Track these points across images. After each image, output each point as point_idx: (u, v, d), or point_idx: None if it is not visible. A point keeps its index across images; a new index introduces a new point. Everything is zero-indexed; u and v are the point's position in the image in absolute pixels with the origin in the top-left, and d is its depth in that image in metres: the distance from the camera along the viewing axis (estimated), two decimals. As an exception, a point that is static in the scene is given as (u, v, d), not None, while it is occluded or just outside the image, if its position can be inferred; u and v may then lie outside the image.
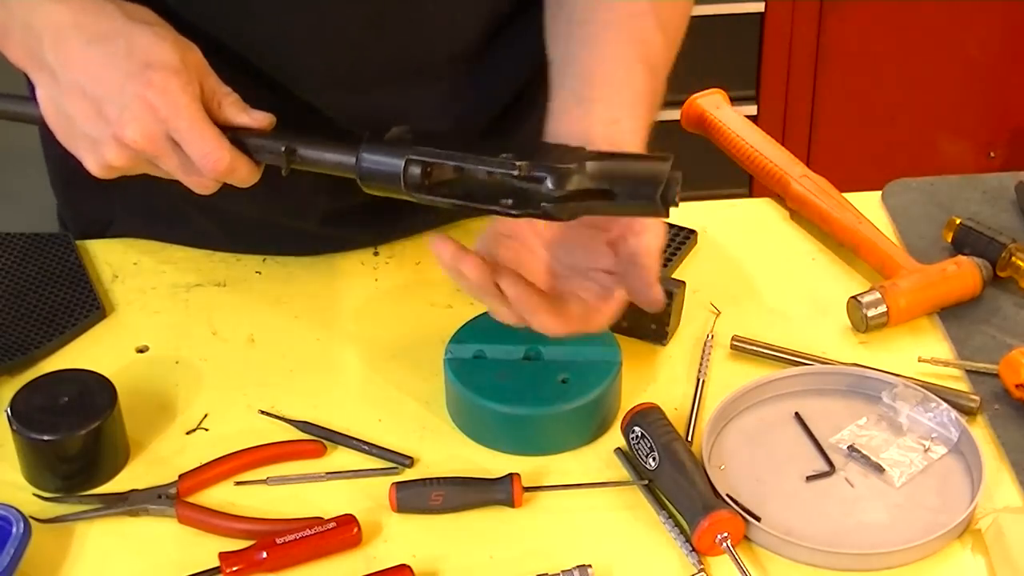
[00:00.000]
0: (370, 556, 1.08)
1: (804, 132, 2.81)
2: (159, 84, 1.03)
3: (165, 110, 1.03)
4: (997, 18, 2.72)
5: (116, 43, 1.05)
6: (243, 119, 1.07)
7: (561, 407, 1.15)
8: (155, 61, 1.04)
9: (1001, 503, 1.11)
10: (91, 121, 1.05)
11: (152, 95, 1.03)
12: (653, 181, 0.98)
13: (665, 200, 0.98)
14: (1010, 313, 1.29)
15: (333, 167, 1.06)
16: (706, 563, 1.07)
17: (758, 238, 1.39)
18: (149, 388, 1.22)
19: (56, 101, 1.07)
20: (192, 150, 1.04)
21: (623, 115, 1.10)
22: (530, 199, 1.00)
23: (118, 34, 1.06)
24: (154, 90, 1.03)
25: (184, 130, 1.04)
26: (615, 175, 1.00)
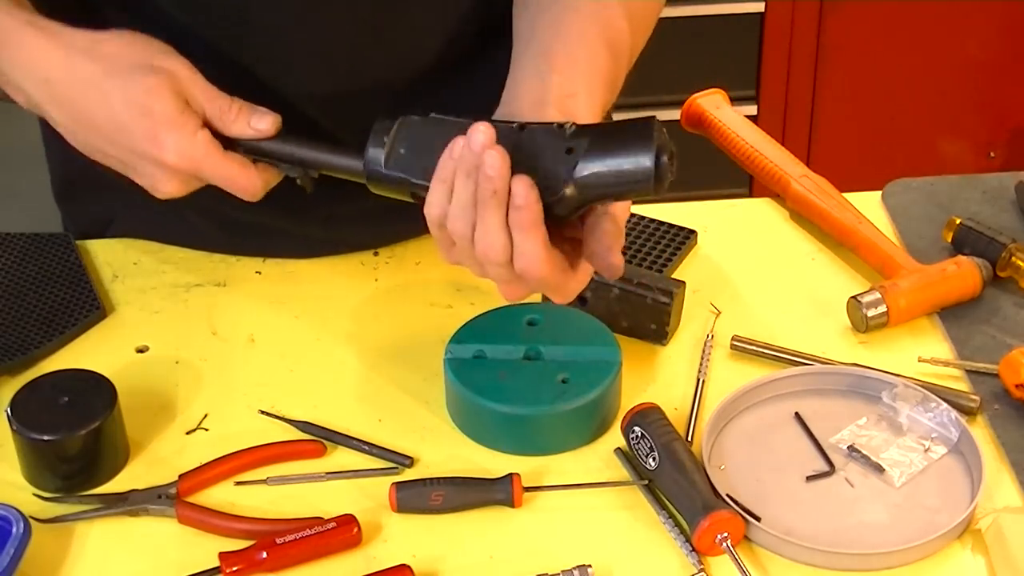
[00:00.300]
0: (370, 556, 1.08)
1: (804, 132, 2.81)
2: (172, 147, 1.09)
3: (188, 168, 1.09)
4: (997, 18, 2.72)
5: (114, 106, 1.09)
6: (251, 132, 1.11)
7: (561, 407, 1.15)
8: (158, 118, 1.08)
9: (1001, 503, 1.11)
10: (127, 172, 1.12)
11: (170, 159, 1.09)
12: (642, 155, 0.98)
13: (659, 177, 0.99)
14: (1010, 313, 1.29)
15: (342, 171, 1.10)
16: (706, 563, 1.07)
17: (758, 238, 1.39)
18: (149, 388, 1.22)
19: (84, 148, 1.13)
20: (225, 187, 1.11)
21: (580, 90, 1.09)
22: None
23: (114, 100, 1.09)
24: (169, 153, 1.09)
25: (212, 177, 1.11)
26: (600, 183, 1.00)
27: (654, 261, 1.34)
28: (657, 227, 1.38)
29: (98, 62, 1.10)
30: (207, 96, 1.11)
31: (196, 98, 1.10)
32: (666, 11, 1.23)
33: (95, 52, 1.11)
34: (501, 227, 1.01)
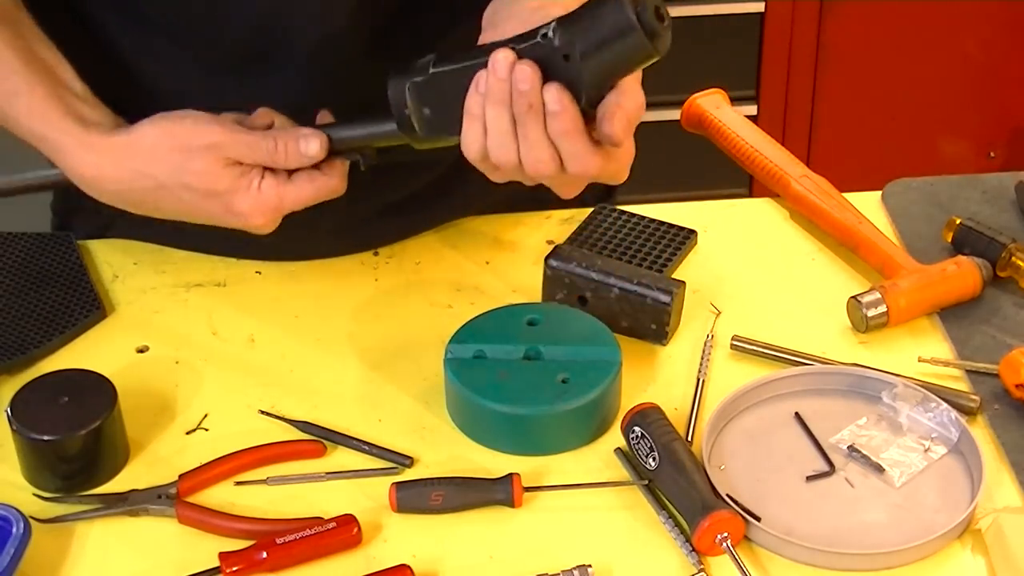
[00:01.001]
0: (370, 556, 1.08)
1: (804, 132, 2.81)
2: (248, 207, 1.14)
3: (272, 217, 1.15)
4: (997, 18, 2.72)
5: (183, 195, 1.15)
6: (307, 162, 1.15)
7: (561, 407, 1.15)
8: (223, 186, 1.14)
9: (1001, 503, 1.11)
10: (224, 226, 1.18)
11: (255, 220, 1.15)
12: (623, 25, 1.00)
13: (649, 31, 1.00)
14: (1010, 313, 1.29)
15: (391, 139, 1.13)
16: (706, 563, 1.07)
17: (758, 238, 1.39)
18: (149, 388, 1.22)
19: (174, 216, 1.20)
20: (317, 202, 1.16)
21: (548, 2, 1.10)
22: None
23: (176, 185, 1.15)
24: (253, 218, 1.15)
25: (298, 207, 1.16)
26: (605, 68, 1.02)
27: (654, 261, 1.34)
28: (657, 227, 1.38)
29: (147, 168, 1.15)
30: (250, 146, 1.14)
31: (243, 154, 1.14)
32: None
33: (139, 161, 1.16)
34: (544, 140, 1.04)
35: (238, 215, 1.15)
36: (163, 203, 1.17)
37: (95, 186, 1.18)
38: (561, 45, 1.02)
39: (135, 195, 1.17)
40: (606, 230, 1.37)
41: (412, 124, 1.10)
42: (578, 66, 1.02)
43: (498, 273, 1.34)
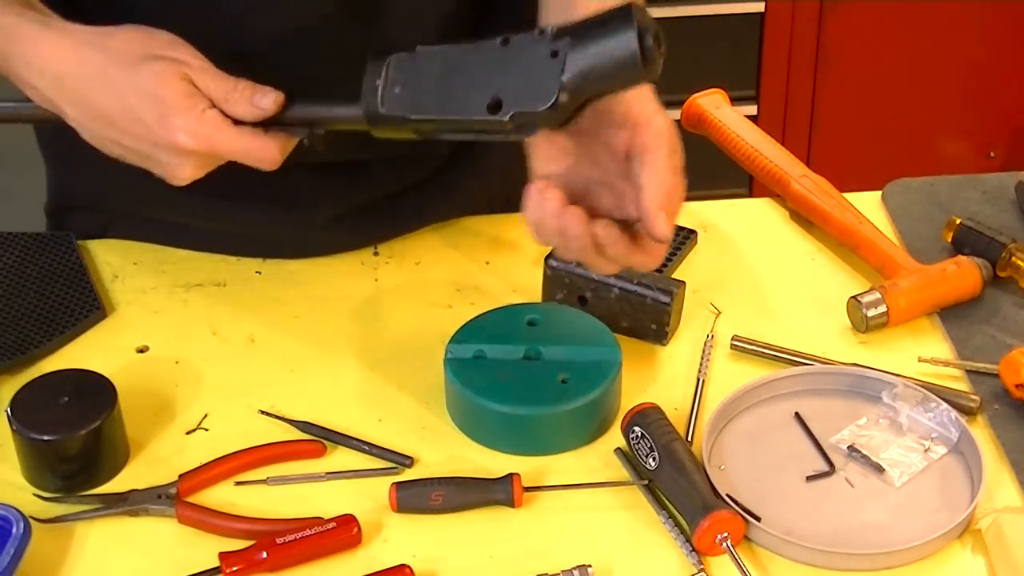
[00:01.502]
0: (370, 556, 1.08)
1: (804, 132, 2.81)
2: (182, 128, 1.09)
3: (201, 147, 1.09)
4: (997, 18, 2.72)
5: (125, 96, 1.10)
6: (256, 113, 1.11)
7: (561, 407, 1.15)
8: (168, 103, 1.09)
9: (1001, 503, 1.11)
10: (145, 163, 1.12)
11: (182, 139, 1.09)
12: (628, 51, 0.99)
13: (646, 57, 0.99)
14: (1010, 313, 1.29)
15: (344, 122, 1.10)
16: (706, 563, 1.07)
17: (758, 238, 1.39)
18: (149, 388, 1.22)
19: (99, 143, 1.13)
20: (244, 161, 1.11)
21: None
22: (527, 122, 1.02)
23: (121, 86, 1.10)
24: (181, 134, 1.09)
25: (227, 153, 1.10)
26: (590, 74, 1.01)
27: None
28: (657, 227, 1.38)
29: (107, 54, 1.11)
30: (213, 79, 1.11)
31: (203, 82, 1.11)
32: (666, 11, 1.23)
33: (103, 45, 1.12)
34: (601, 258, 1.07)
35: (170, 131, 1.09)
36: (101, 95, 1.12)
37: (44, 67, 1.12)
38: (553, 46, 1.01)
39: (74, 81, 1.12)
40: (606, 230, 1.37)
41: (378, 100, 1.06)
42: (563, 66, 1.01)
43: (498, 273, 1.34)
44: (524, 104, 1.01)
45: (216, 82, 1.11)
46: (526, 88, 1.01)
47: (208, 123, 1.10)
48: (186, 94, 1.10)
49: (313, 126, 1.12)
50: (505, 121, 1.02)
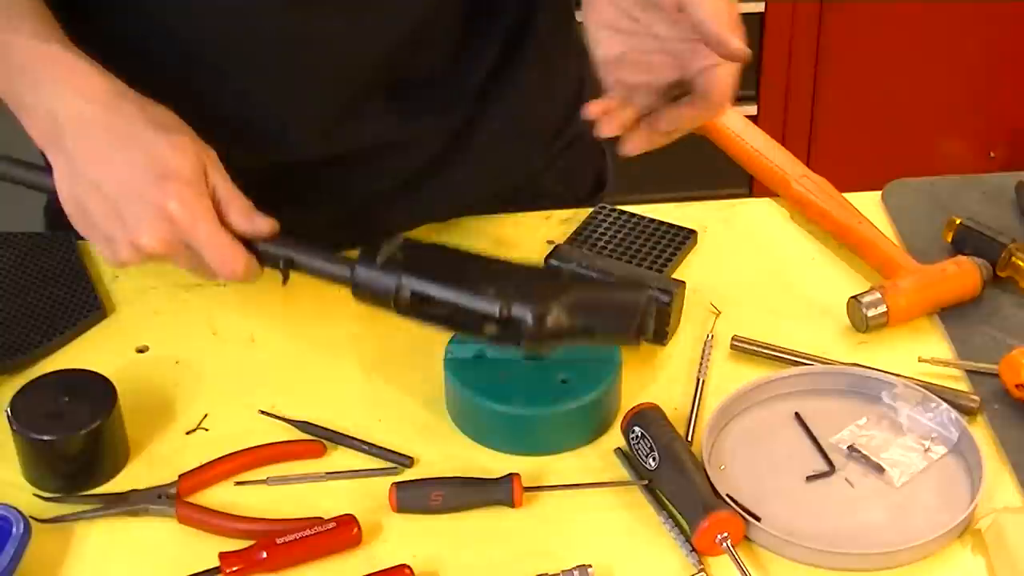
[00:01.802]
0: (370, 556, 1.08)
1: (804, 132, 2.81)
2: (176, 195, 1.08)
3: (184, 221, 1.09)
4: (997, 18, 2.72)
5: (137, 150, 1.10)
6: (245, 226, 1.12)
7: (561, 407, 1.15)
8: (173, 172, 1.09)
9: (1001, 503, 1.11)
10: (108, 220, 1.10)
11: (171, 206, 1.08)
12: (629, 315, 1.08)
13: (639, 331, 1.09)
14: (1010, 313, 1.29)
15: (330, 278, 1.12)
16: (706, 563, 1.07)
17: (758, 238, 1.39)
18: (149, 388, 1.22)
19: (73, 190, 1.11)
20: (210, 257, 1.10)
21: None
22: (511, 332, 1.06)
23: (139, 141, 1.10)
24: (173, 201, 1.08)
25: (203, 240, 1.09)
26: (592, 308, 1.08)
27: (654, 261, 1.34)
28: (657, 227, 1.38)
29: (141, 110, 1.12)
30: (223, 181, 1.12)
31: (214, 176, 1.12)
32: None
33: (141, 103, 1.13)
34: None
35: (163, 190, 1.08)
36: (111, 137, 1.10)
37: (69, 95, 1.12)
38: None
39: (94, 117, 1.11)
40: (606, 230, 1.37)
41: (375, 261, 1.10)
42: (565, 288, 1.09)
43: (498, 273, 1.34)
44: (513, 329, 1.06)
45: (225, 184, 1.13)
46: (526, 295, 1.06)
47: (202, 204, 1.10)
48: (195, 171, 1.11)
49: (294, 267, 1.13)
50: (496, 308, 1.06)
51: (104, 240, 1.11)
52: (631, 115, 1.14)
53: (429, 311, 1.09)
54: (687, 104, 1.13)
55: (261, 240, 1.12)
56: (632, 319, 1.08)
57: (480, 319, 1.07)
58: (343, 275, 1.11)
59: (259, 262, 1.12)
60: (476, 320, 1.07)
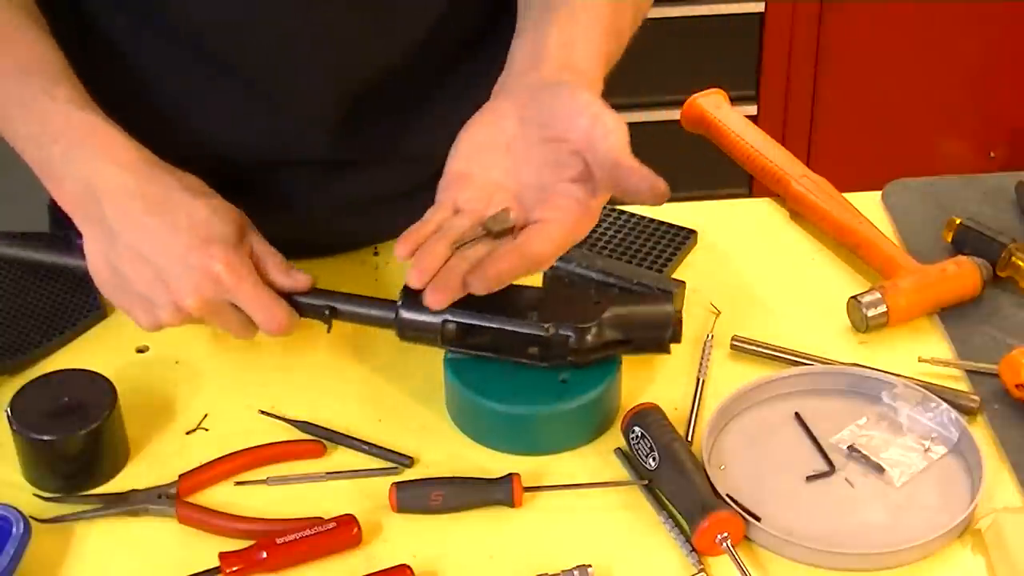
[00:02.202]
0: (370, 556, 1.08)
1: (804, 132, 2.81)
2: (221, 257, 1.11)
3: (229, 281, 1.11)
4: (997, 18, 2.72)
5: (178, 215, 1.12)
6: (286, 282, 1.15)
7: (561, 407, 1.15)
8: (216, 235, 1.12)
9: (1001, 503, 1.11)
10: (149, 285, 1.13)
11: (216, 267, 1.11)
12: (662, 326, 1.16)
13: (672, 339, 1.17)
14: (1010, 313, 1.29)
15: (374, 322, 1.17)
16: (706, 563, 1.07)
17: (758, 238, 1.39)
18: (149, 388, 1.22)
19: (108, 258, 1.13)
20: (256, 315, 1.13)
21: (577, 39, 1.13)
22: (555, 352, 1.14)
23: (178, 206, 1.12)
24: (218, 263, 1.11)
25: (248, 298, 1.12)
26: (627, 324, 1.15)
27: (654, 261, 1.34)
28: (657, 227, 1.38)
29: (176, 179, 1.14)
30: (259, 240, 1.16)
31: (251, 236, 1.15)
32: (666, 11, 1.24)
33: (174, 171, 1.15)
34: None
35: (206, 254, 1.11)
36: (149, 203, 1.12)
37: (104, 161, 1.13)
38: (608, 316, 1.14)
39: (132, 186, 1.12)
40: (606, 230, 1.37)
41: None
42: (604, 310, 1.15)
43: (498, 273, 1.34)
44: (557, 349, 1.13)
45: (261, 243, 1.16)
46: (566, 316, 1.13)
47: (246, 263, 1.13)
48: (236, 233, 1.13)
49: (334, 313, 1.17)
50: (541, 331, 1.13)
51: (141, 303, 1.14)
52: (441, 252, 1.09)
53: (474, 341, 1.14)
54: (506, 254, 1.08)
55: (300, 293, 1.16)
56: (665, 329, 1.16)
57: (524, 342, 1.13)
58: (387, 318, 1.15)
59: (301, 314, 1.16)
60: (520, 344, 1.13)
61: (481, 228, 1.10)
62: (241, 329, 1.15)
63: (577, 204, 1.09)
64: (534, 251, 1.08)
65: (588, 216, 1.10)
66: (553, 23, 1.14)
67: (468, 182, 1.12)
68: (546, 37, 1.13)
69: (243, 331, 1.15)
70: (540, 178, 1.10)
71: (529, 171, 1.11)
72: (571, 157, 1.08)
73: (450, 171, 1.13)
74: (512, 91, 1.13)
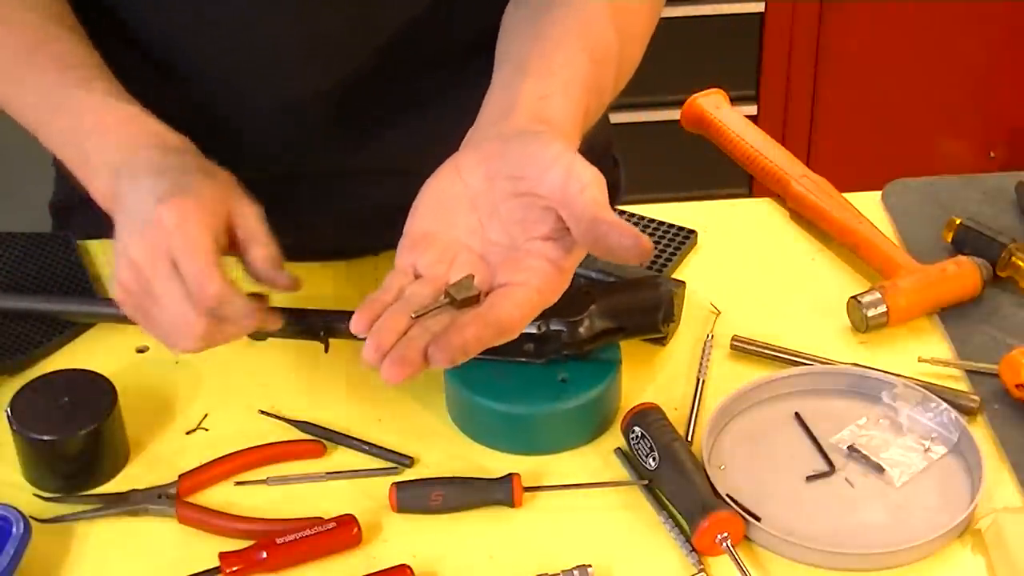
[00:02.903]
0: (370, 556, 1.08)
1: (804, 132, 2.81)
2: (174, 207, 1.02)
3: (173, 233, 1.01)
4: (997, 18, 2.72)
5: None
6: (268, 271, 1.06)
7: (561, 407, 1.15)
8: (177, 192, 1.03)
9: (1001, 503, 1.11)
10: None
11: (165, 216, 1.02)
12: (653, 309, 1.17)
13: (666, 321, 1.17)
14: (1010, 313, 1.29)
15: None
16: (706, 563, 1.07)
17: (758, 238, 1.39)
18: (149, 388, 1.22)
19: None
20: (185, 268, 1.02)
21: (554, 92, 1.07)
22: (550, 347, 1.15)
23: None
24: (167, 212, 1.02)
25: (179, 249, 1.02)
26: (619, 312, 1.15)
27: (654, 261, 1.34)
28: (657, 227, 1.38)
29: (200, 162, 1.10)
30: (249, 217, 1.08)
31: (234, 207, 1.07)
32: (666, 11, 1.23)
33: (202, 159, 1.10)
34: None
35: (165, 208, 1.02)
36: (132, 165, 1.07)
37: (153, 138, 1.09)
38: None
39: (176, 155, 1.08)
40: (606, 230, 1.37)
41: None
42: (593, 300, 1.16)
43: (498, 273, 1.34)
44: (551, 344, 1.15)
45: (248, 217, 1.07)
46: (557, 311, 1.08)
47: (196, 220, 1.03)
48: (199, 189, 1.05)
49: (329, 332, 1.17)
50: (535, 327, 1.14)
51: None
52: (399, 325, 1.00)
53: None
54: (470, 322, 0.99)
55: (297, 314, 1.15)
56: (656, 312, 1.17)
57: (518, 341, 1.06)
58: None
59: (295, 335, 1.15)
60: (514, 342, 1.06)
61: (443, 296, 1.02)
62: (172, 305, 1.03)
63: (549, 265, 1.01)
64: (501, 318, 0.99)
65: (561, 277, 1.02)
66: (528, 76, 1.07)
67: (429, 243, 1.04)
68: (520, 89, 1.06)
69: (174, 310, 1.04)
70: (509, 236, 1.03)
71: (497, 229, 1.03)
72: (543, 213, 1.01)
73: (410, 231, 1.05)
74: (478, 143, 1.05)
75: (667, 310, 1.18)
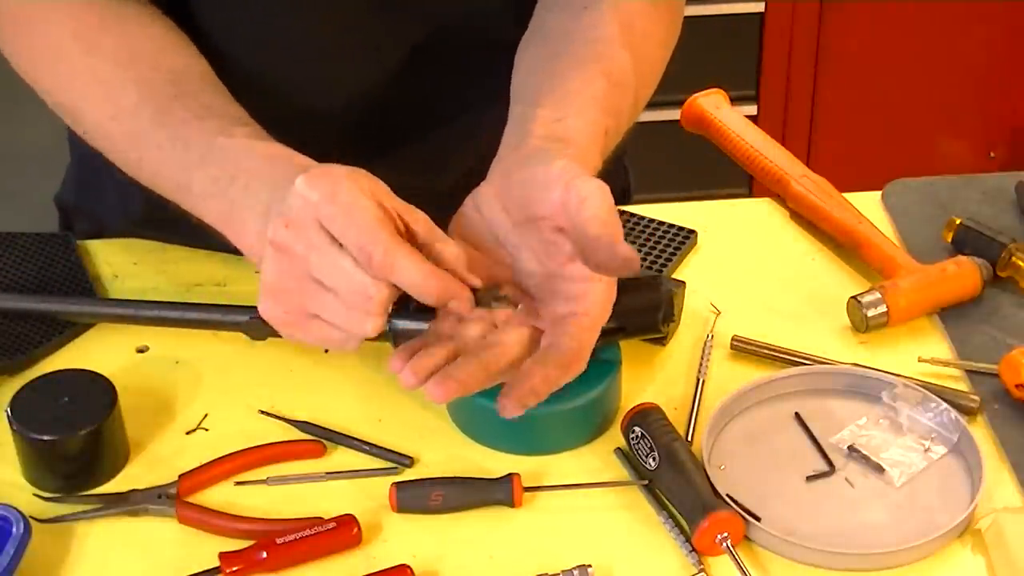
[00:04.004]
0: (370, 556, 1.08)
1: (804, 132, 2.81)
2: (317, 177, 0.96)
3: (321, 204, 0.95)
4: (997, 19, 2.72)
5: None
6: (445, 253, 0.99)
7: (561, 407, 1.15)
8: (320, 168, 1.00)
9: (1001, 503, 1.11)
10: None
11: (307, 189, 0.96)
12: (652, 309, 1.16)
13: (666, 320, 1.17)
14: (1010, 313, 1.29)
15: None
16: (706, 563, 1.07)
17: (758, 238, 1.39)
18: (149, 388, 1.22)
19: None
20: (345, 232, 0.95)
21: (570, 114, 1.06)
22: None
23: None
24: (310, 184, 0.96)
25: (333, 215, 0.95)
26: (617, 312, 1.08)
27: (654, 261, 1.34)
28: (657, 227, 1.38)
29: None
30: (410, 208, 1.02)
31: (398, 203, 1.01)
32: (666, 11, 1.23)
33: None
34: None
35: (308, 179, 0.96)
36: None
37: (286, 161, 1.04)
38: None
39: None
40: (606, 230, 1.37)
41: None
42: None
43: (498, 273, 1.34)
44: None
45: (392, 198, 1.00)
46: None
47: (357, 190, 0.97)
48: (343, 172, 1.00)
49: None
50: None
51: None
52: (439, 360, 1.00)
53: None
54: (534, 365, 1.00)
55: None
56: (656, 312, 1.16)
57: None
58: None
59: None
60: None
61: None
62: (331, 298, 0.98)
63: (589, 284, 1.01)
64: (564, 354, 1.01)
65: (605, 288, 1.02)
66: (544, 104, 1.07)
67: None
68: (535, 115, 1.06)
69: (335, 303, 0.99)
70: (541, 264, 1.03)
71: (527, 259, 1.04)
72: (556, 235, 1.01)
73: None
74: (492, 177, 1.05)
75: (667, 310, 1.17)
